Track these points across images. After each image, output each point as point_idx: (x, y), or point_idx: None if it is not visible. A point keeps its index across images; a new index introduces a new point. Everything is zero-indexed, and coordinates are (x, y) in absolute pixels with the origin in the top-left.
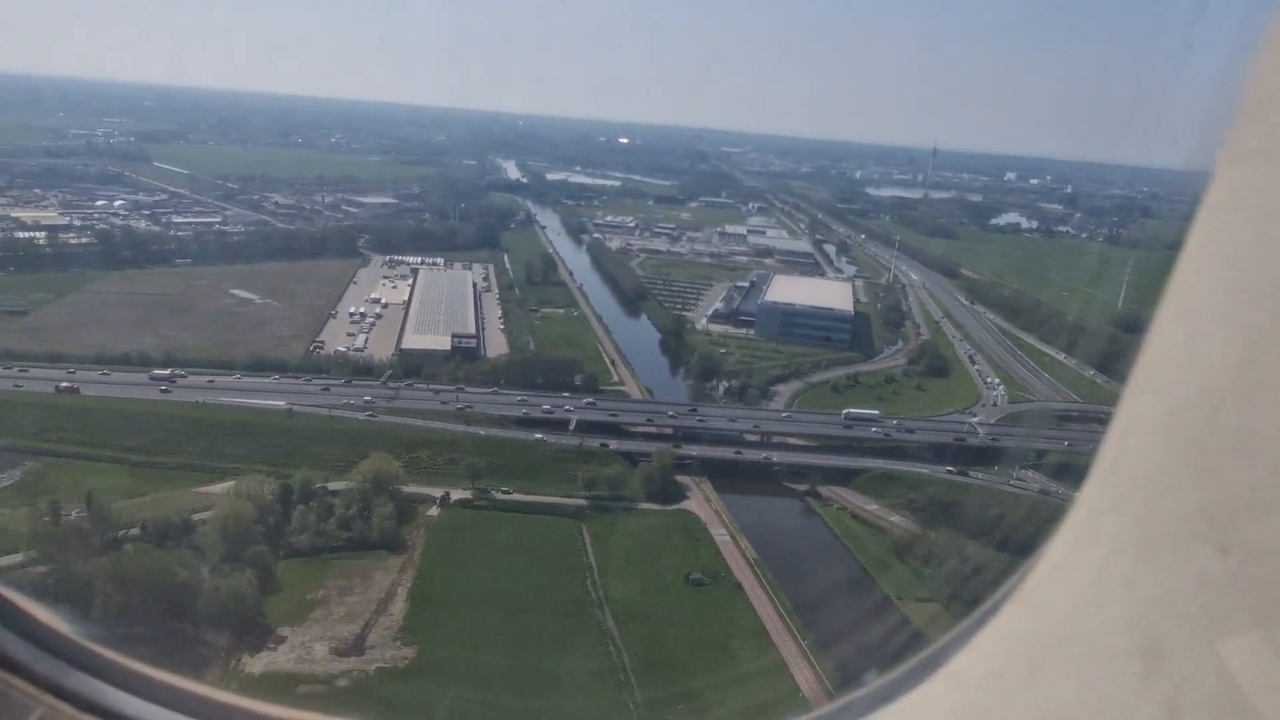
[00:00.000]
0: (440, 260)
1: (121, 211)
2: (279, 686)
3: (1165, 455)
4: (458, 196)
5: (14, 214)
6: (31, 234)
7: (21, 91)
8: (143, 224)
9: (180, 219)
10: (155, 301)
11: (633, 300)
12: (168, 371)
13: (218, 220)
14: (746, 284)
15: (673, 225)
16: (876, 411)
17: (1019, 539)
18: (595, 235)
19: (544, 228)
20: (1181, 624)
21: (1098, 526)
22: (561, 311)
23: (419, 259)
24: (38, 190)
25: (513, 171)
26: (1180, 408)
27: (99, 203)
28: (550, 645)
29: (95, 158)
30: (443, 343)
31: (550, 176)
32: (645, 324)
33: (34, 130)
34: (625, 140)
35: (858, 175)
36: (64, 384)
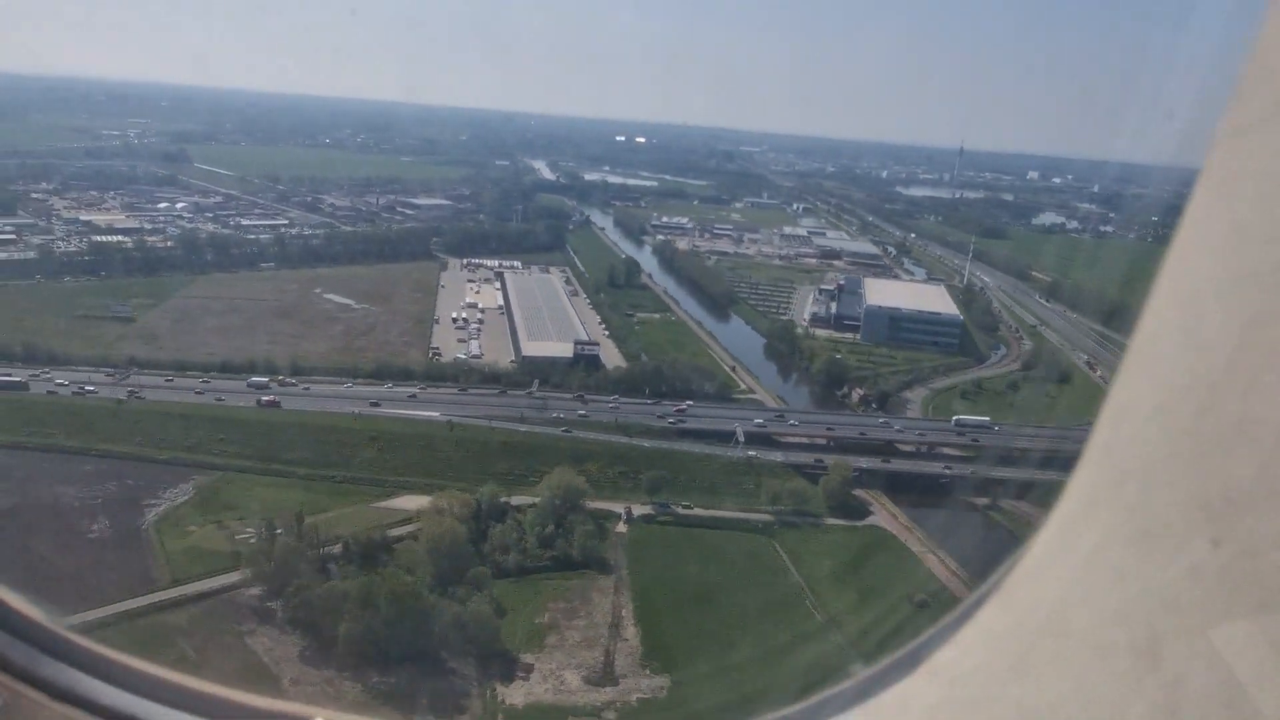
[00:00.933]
0: (517, 263)
1: (185, 214)
2: None
3: (1158, 443)
4: (507, 198)
5: (81, 216)
6: (110, 238)
7: (41, 91)
8: (210, 227)
9: (247, 222)
10: (255, 307)
11: (721, 304)
12: (294, 380)
13: (283, 223)
14: (833, 287)
15: (730, 226)
16: (987, 418)
17: None
18: (660, 237)
19: (601, 229)
20: (1175, 616)
21: (1088, 516)
22: (657, 316)
23: (495, 262)
24: (94, 192)
25: (546, 172)
26: (1175, 393)
27: (161, 205)
28: (800, 673)
29: (137, 159)
30: (564, 349)
31: (587, 177)
32: (741, 328)
33: (64, 131)
34: (642, 140)
35: (884, 175)
36: (266, 398)
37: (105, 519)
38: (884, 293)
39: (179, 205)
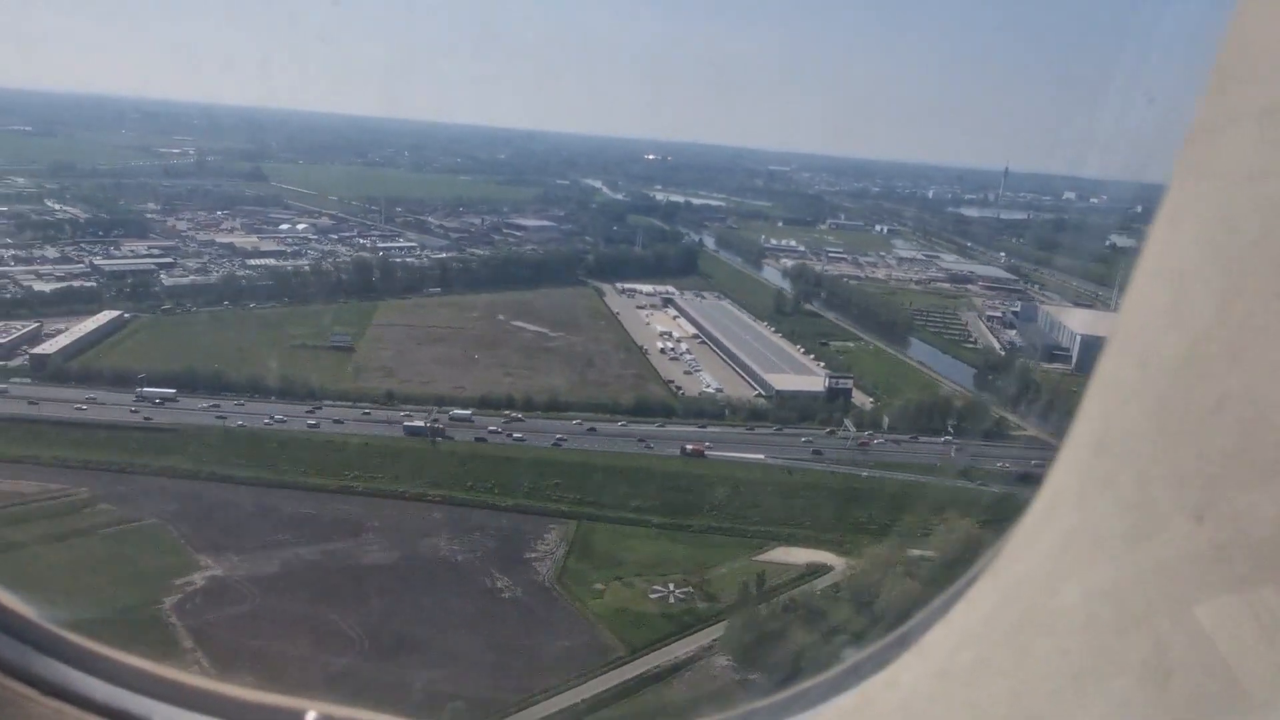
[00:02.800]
0: (670, 288)
1: (310, 236)
2: None
3: (1144, 420)
4: (602, 220)
5: (217, 239)
6: (263, 261)
7: (72, 108)
8: (342, 249)
9: (377, 244)
10: (456, 335)
11: (899, 332)
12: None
13: (409, 245)
14: (1002, 314)
15: (841, 248)
16: None
17: None
18: (785, 261)
19: (716, 252)
20: (1160, 590)
21: (1075, 493)
22: (852, 345)
23: (648, 287)
24: (202, 212)
25: (608, 191)
26: (1159, 371)
27: (283, 226)
28: None
29: (216, 178)
30: (814, 383)
31: (656, 197)
32: (941, 358)
33: (119, 149)
34: (670, 158)
35: (930, 195)
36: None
37: (501, 573)
38: (1075, 321)
39: (300, 226)
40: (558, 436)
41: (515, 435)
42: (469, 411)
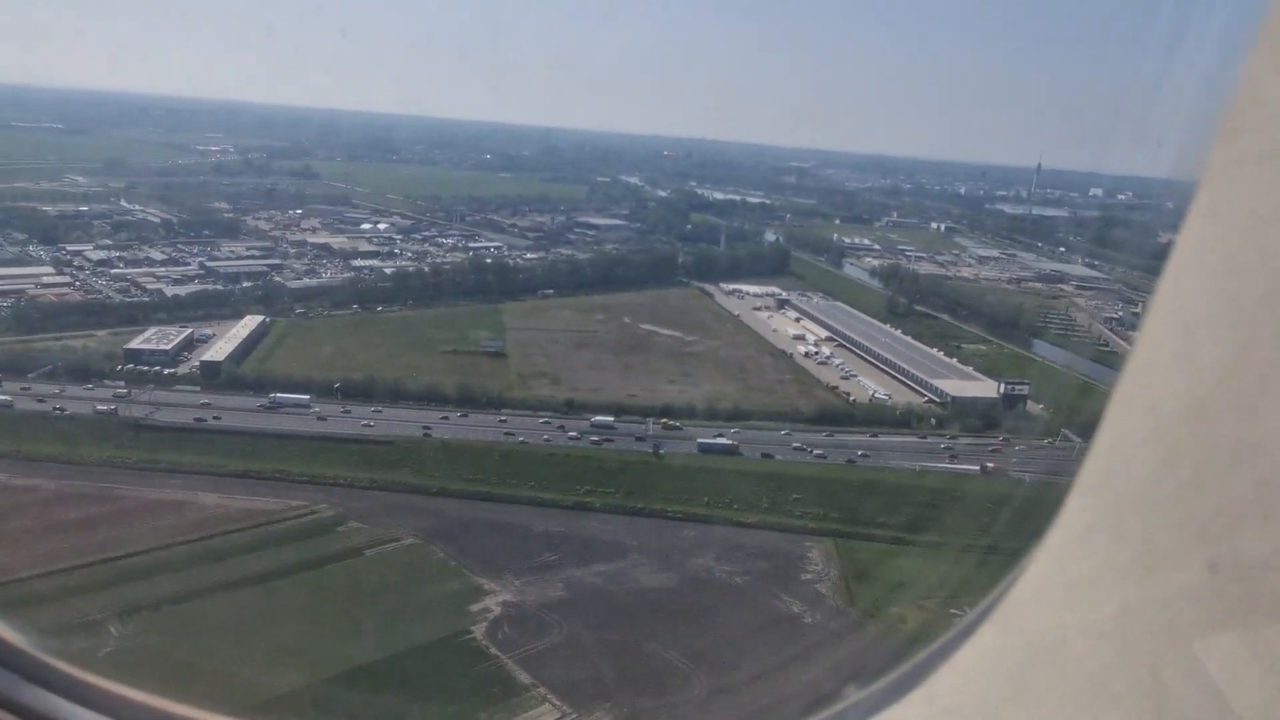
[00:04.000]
0: (775, 289)
1: (394, 236)
2: None
3: (1153, 467)
4: (667, 218)
5: (308, 239)
6: (368, 262)
7: (95, 106)
8: (430, 249)
9: (473, 245)
10: (593, 339)
11: (1019, 333)
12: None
13: (498, 245)
14: (1120, 316)
15: (913, 247)
16: None
17: None
18: (869, 260)
19: (792, 251)
20: (1170, 639)
21: (1084, 540)
22: (983, 348)
23: (756, 288)
24: (274, 211)
25: (650, 188)
26: (1169, 418)
27: (364, 226)
28: None
29: (266, 176)
30: (987, 389)
31: (704, 194)
32: (1082, 363)
33: (159, 146)
34: (691, 155)
35: (962, 191)
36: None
37: (789, 597)
38: None
39: (380, 226)
40: (763, 448)
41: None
42: (674, 422)
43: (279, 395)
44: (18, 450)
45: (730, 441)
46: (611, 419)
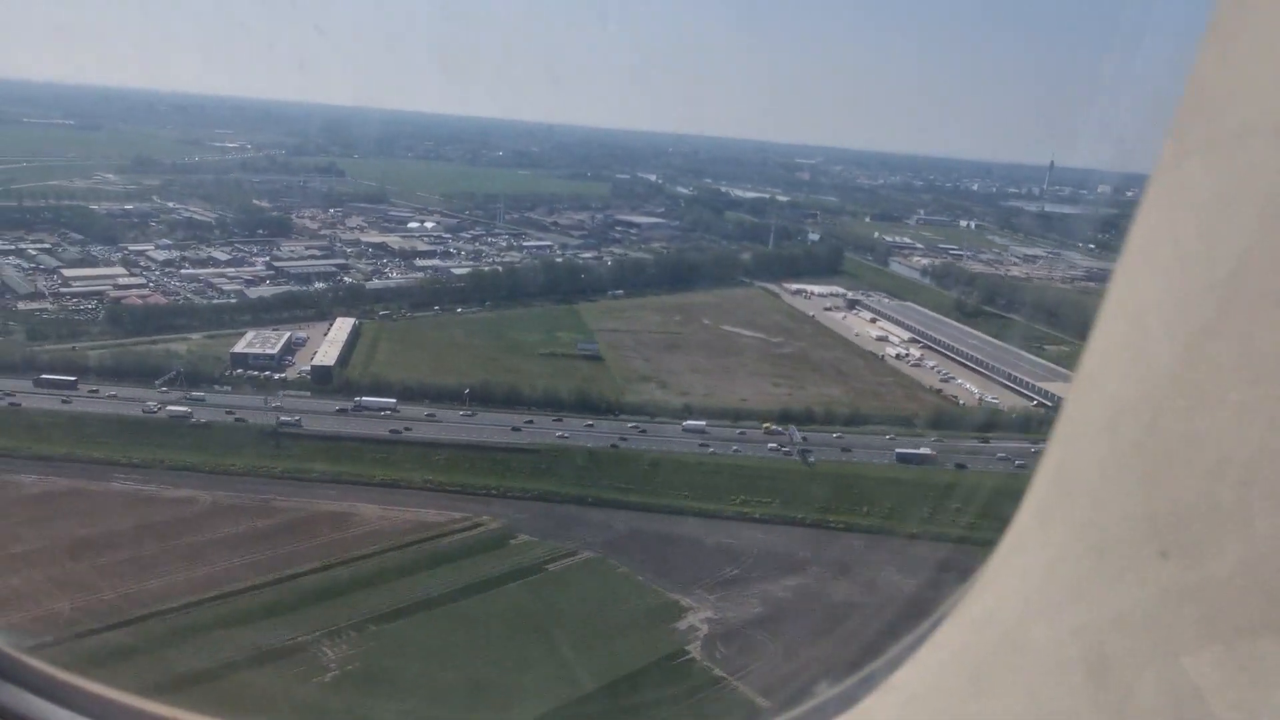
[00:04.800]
0: (837, 288)
1: (444, 234)
2: None
3: (1109, 459)
4: (704, 216)
5: (362, 238)
6: (427, 262)
7: (97, 101)
8: (481, 248)
9: (527, 244)
10: (681, 340)
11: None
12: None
13: (548, 244)
14: None
15: (955, 245)
16: None
17: None
18: (916, 259)
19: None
20: (1126, 630)
21: (1043, 532)
22: (1065, 349)
23: (817, 288)
24: (316, 210)
25: (672, 185)
26: (1124, 409)
27: (411, 225)
28: None
29: (294, 173)
30: None
31: (728, 191)
32: None
33: (177, 143)
34: (699, 153)
35: (975, 188)
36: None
37: None
38: None
39: (428, 225)
40: (900, 450)
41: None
42: (793, 428)
43: (364, 399)
44: (160, 460)
45: (929, 450)
46: (738, 425)
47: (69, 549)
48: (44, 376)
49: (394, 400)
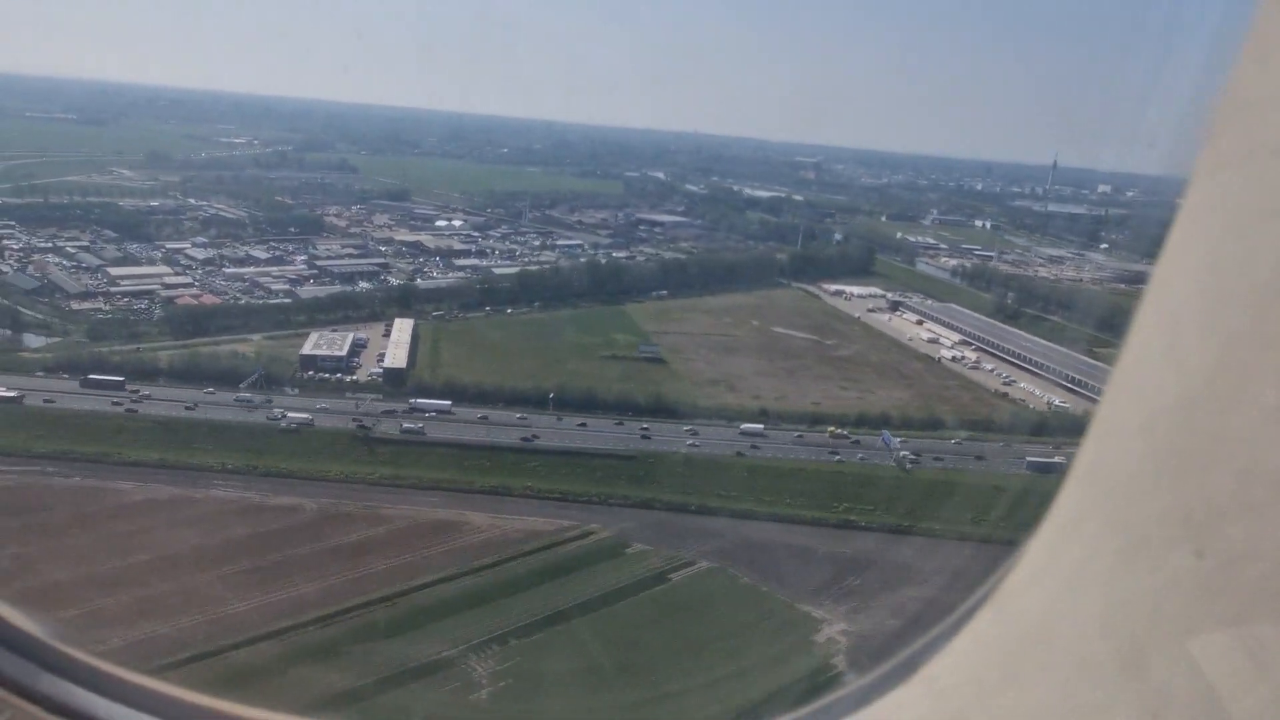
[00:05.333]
0: (875, 289)
1: (473, 233)
2: None
3: (1143, 458)
4: (725, 215)
5: (394, 237)
6: (472, 262)
7: (97, 96)
8: (513, 247)
9: (560, 243)
10: (735, 343)
11: None
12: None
13: (578, 244)
14: None
15: (977, 246)
16: None
17: None
18: (944, 259)
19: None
20: (1158, 627)
21: (1076, 530)
22: (1115, 351)
23: (856, 289)
24: (339, 208)
25: (681, 184)
26: (1159, 411)
27: (439, 223)
28: None
29: (309, 170)
30: None
31: (740, 190)
32: None
33: (184, 139)
34: (701, 150)
35: (979, 187)
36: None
37: None
38: None
39: (455, 223)
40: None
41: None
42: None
43: (419, 400)
44: (253, 465)
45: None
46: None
47: (188, 560)
48: (91, 377)
49: (448, 402)
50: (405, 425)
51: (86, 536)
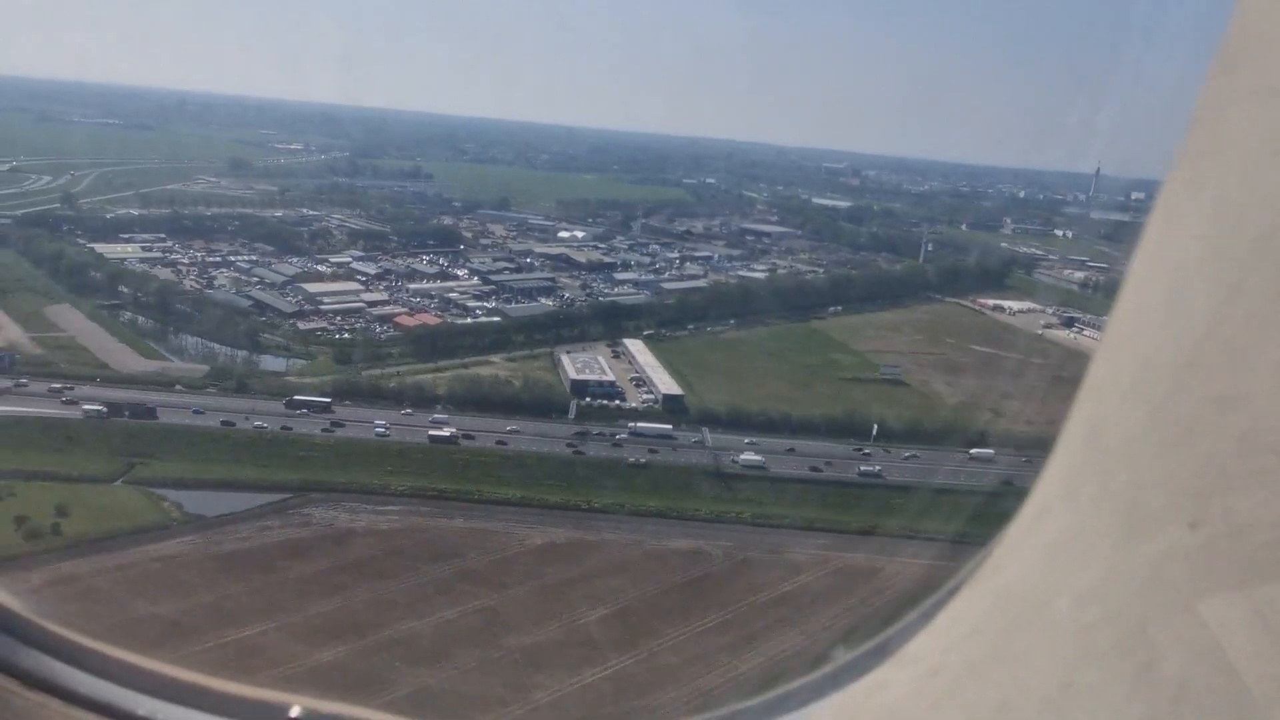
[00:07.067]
0: (1030, 304)
1: (597, 244)
2: None
3: (1139, 421)
4: (822, 225)
5: (535, 249)
6: (628, 275)
7: (133, 100)
8: (644, 258)
9: (696, 255)
10: (950, 363)
11: None
12: None
13: (710, 255)
14: None
15: (1086, 258)
16: None
17: None
18: (1067, 271)
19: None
20: (1154, 596)
21: (1069, 498)
22: None
23: (1013, 303)
24: (447, 217)
25: (739, 191)
26: (1157, 368)
27: (562, 235)
28: None
29: (384, 178)
30: None
31: (805, 197)
32: None
33: (233, 144)
34: (725, 156)
35: (1021, 195)
36: None
37: None
38: None
39: (578, 234)
40: None
41: None
42: None
43: (638, 425)
44: (621, 504)
45: None
46: None
47: (677, 614)
48: (296, 398)
49: (669, 426)
50: (745, 458)
51: (536, 587)
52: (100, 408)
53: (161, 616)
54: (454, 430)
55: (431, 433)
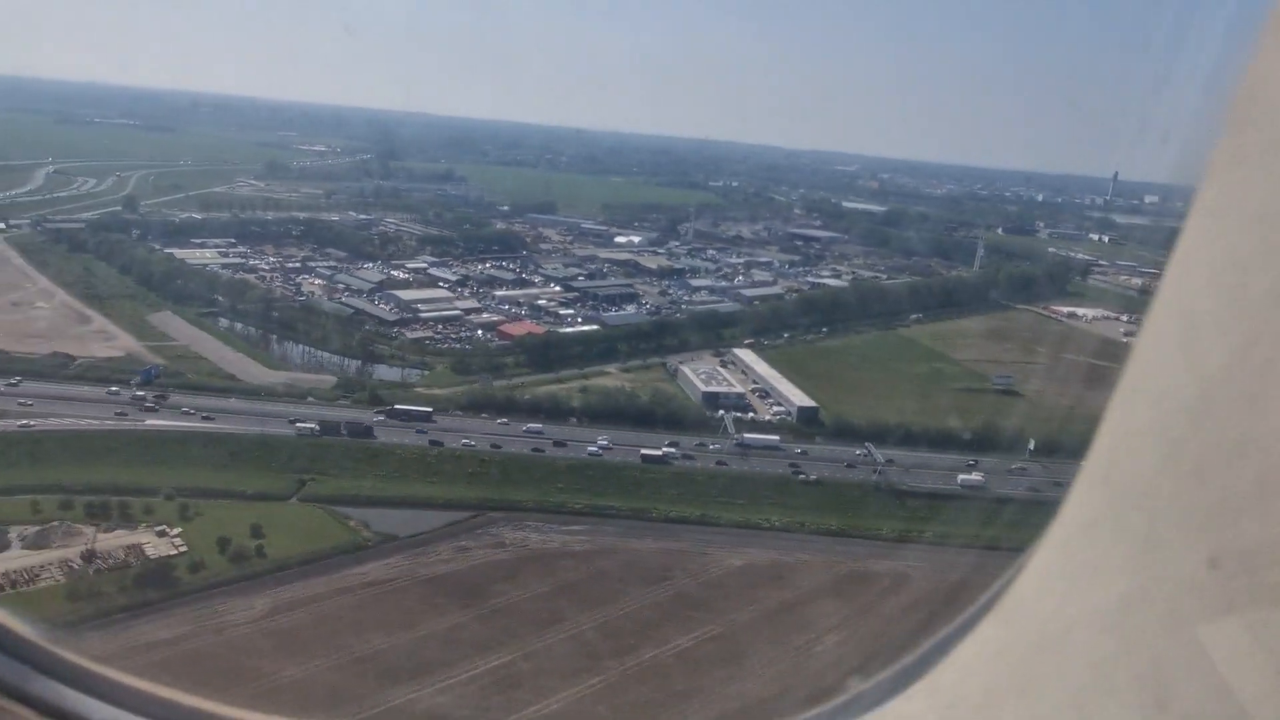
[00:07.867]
0: (1103, 310)
1: (655, 250)
2: None
3: (1156, 460)
4: (875, 230)
5: (599, 254)
6: (702, 282)
7: (145, 102)
8: (700, 263)
9: (759, 260)
10: (1045, 371)
11: None
12: None
13: (768, 260)
14: None
15: (1135, 263)
16: None
17: None
18: (1120, 276)
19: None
20: (1172, 632)
21: (1087, 534)
22: None
23: (1083, 310)
24: (497, 221)
25: (768, 195)
26: (1172, 412)
27: (618, 240)
28: None
29: (417, 181)
30: None
31: (835, 201)
32: None
33: (256, 146)
34: (741, 159)
35: (1040, 199)
36: None
37: None
38: None
39: (634, 239)
40: None
41: None
42: None
43: (748, 436)
44: (801, 523)
45: None
46: None
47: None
48: (398, 407)
49: (777, 437)
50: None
51: (759, 611)
52: (313, 425)
53: (403, 646)
54: (666, 449)
55: (644, 451)
